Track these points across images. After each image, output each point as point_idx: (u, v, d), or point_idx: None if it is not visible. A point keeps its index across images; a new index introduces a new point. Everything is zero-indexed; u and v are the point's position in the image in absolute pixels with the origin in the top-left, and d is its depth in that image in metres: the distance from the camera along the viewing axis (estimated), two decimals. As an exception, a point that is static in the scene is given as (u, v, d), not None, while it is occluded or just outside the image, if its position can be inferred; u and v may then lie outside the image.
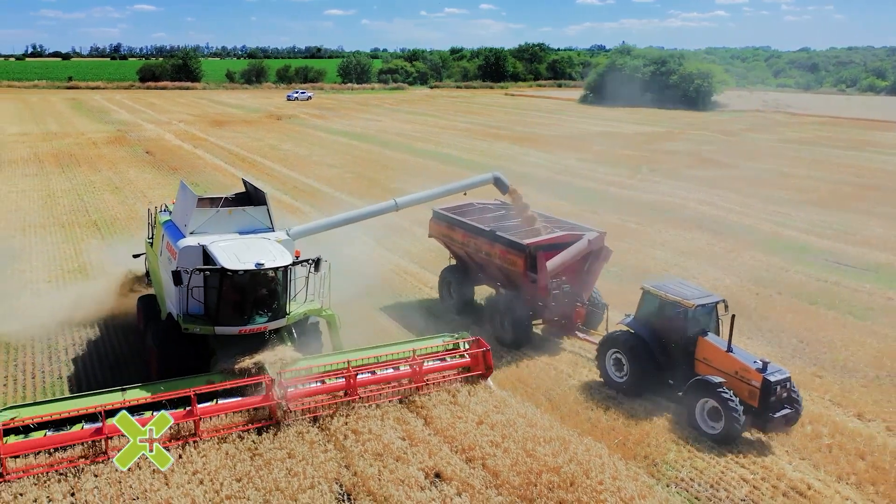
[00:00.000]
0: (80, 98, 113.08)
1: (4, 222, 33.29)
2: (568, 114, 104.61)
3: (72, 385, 17.79)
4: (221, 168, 50.01)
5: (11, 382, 17.86)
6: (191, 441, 13.98)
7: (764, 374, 15.10)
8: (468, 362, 17.55)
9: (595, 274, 21.17)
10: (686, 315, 16.43)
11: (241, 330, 15.89)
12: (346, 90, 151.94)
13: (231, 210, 17.71)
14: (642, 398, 17.27)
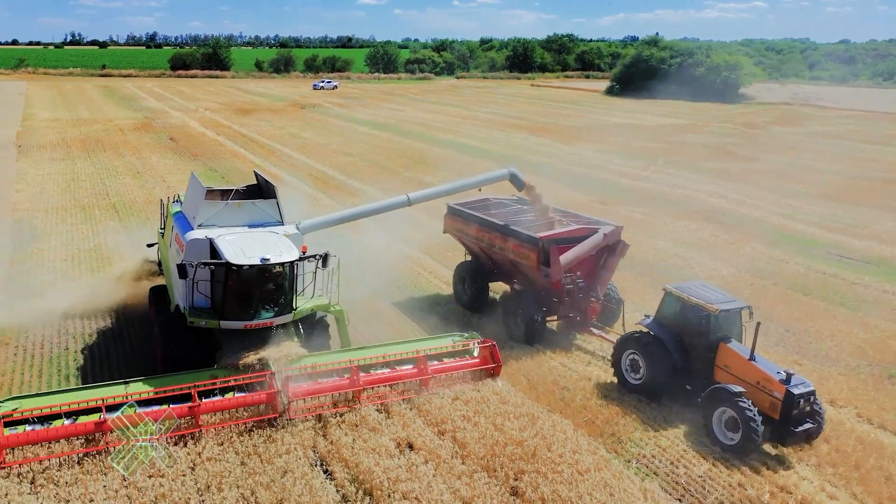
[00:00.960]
0: (113, 86, 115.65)
1: (29, 203, 34.69)
2: (591, 105, 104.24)
3: (81, 375, 17.59)
4: (240, 155, 51.18)
5: (20, 371, 17.76)
6: (191, 434, 13.99)
7: (787, 386, 14.40)
8: (477, 363, 17.28)
9: (611, 269, 20.71)
10: (709, 320, 15.75)
11: (246, 325, 15.72)
12: (373, 80, 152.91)
13: (240, 203, 17.58)
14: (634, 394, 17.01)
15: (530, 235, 20.03)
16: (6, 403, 13.58)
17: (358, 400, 15.49)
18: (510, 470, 13.48)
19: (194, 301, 15.74)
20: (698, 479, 14.05)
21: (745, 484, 13.92)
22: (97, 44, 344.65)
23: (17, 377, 17.30)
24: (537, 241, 19.60)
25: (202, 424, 14.16)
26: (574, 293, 20.07)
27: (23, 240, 28.47)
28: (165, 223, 20.36)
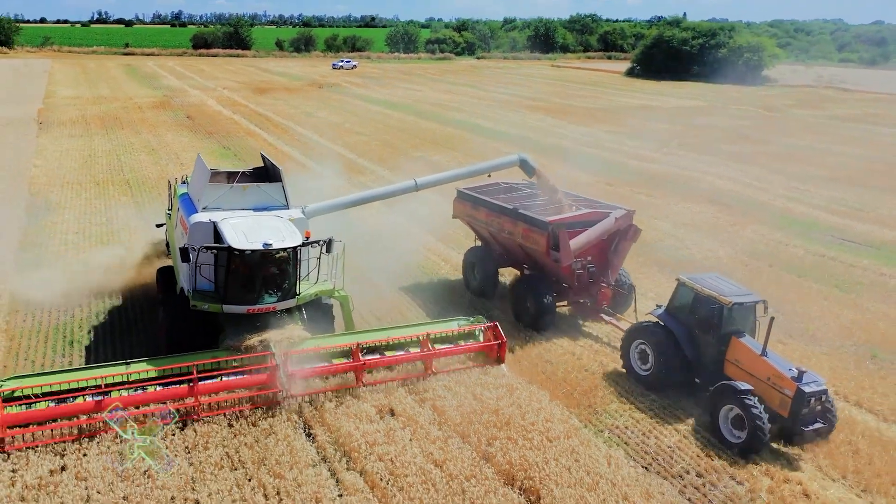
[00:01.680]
0: (135, 64, 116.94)
1: (46, 178, 35.70)
2: (611, 87, 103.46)
3: (87, 354, 17.73)
4: (255, 133, 51.89)
5: (24, 350, 17.85)
6: (191, 419, 14.05)
7: (798, 384, 13.97)
8: (481, 347, 17.23)
9: (622, 254, 20.40)
10: (721, 312, 15.36)
11: (249, 309, 15.61)
12: (393, 59, 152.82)
13: (246, 186, 17.38)
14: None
15: (540, 220, 19.79)
16: (8, 382, 13.76)
17: (359, 381, 15.51)
18: (483, 436, 14.05)
19: (198, 284, 15.70)
20: (667, 450, 14.52)
21: (711, 454, 14.37)
22: (123, 22, 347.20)
23: (25, 342, 18.10)
24: (547, 226, 19.36)
25: (201, 408, 14.18)
26: (584, 278, 19.81)
27: (37, 213, 29.44)
28: (172, 204, 20.43)
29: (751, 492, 13.18)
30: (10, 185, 33.20)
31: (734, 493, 13.25)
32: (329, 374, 15.58)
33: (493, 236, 21.96)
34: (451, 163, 43.05)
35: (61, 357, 17.42)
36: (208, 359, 14.95)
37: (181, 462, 12.95)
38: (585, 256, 19.75)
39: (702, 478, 13.65)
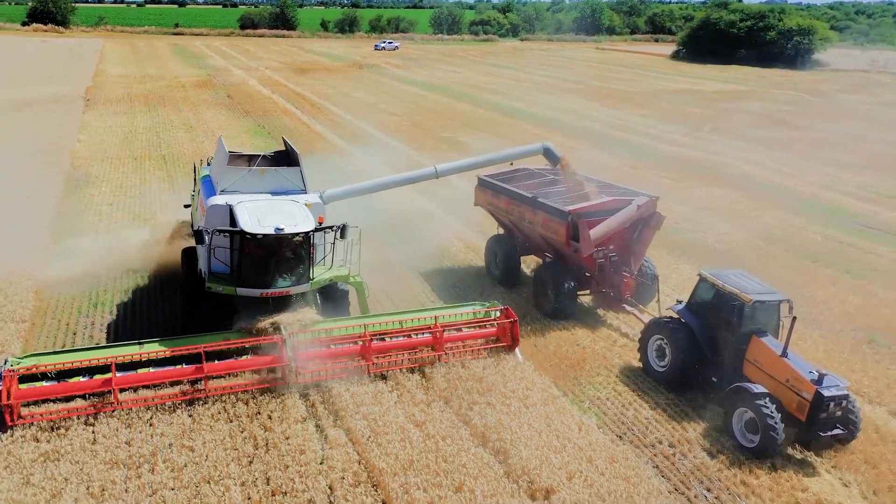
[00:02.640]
0: (183, 44, 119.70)
1: (88, 153, 37.43)
2: (653, 70, 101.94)
3: (108, 333, 18.04)
4: (290, 112, 53.12)
5: (48, 327, 18.23)
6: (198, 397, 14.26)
7: (817, 387, 13.46)
8: (495, 332, 16.98)
9: (645, 242, 19.84)
10: (742, 310, 14.86)
11: (262, 293, 15.61)
12: (436, 41, 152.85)
13: (264, 170, 17.53)
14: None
15: (559, 209, 19.33)
16: (25, 360, 14.09)
17: (369, 365, 15.47)
18: (465, 401, 14.77)
19: (213, 267, 15.87)
20: (644, 421, 15.03)
21: (687, 427, 14.84)
22: (176, 2, 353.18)
23: (52, 313, 19.30)
24: (566, 215, 18.91)
25: (210, 388, 14.37)
26: (606, 268, 19.33)
27: (76, 185, 31.06)
28: (196, 186, 20.75)
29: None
30: (54, 159, 34.94)
31: (703, 463, 13.71)
32: (337, 358, 15.50)
33: (515, 225, 21.62)
34: (479, 144, 43.56)
35: (85, 327, 18.52)
36: (219, 341, 14.99)
37: (181, 414, 13.98)
38: (607, 245, 19.23)
39: (673, 448, 14.15)
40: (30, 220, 25.56)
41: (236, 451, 13.04)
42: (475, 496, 11.77)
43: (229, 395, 14.58)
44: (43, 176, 31.75)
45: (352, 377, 15.35)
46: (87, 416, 13.59)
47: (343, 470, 12.61)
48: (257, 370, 15.06)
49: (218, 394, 14.37)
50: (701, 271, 16.28)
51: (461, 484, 12.08)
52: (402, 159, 38.72)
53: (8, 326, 17.29)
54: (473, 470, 12.49)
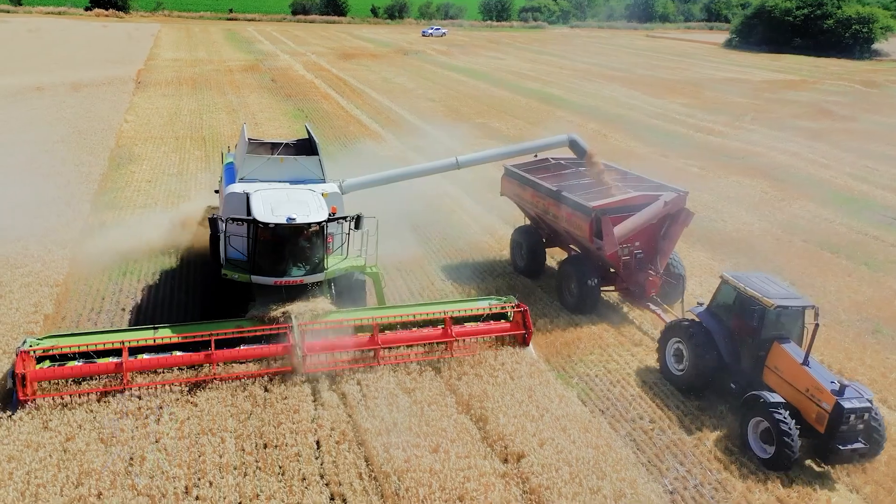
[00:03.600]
0: (235, 29, 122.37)
1: (133, 133, 39.22)
2: (702, 58, 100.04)
3: (133, 300, 18.84)
4: (330, 97, 54.30)
5: (79, 292, 19.22)
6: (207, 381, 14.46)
7: (837, 398, 12.85)
8: (508, 327, 16.66)
9: (673, 240, 19.11)
10: (763, 315, 14.26)
11: (276, 281, 15.68)
12: (484, 27, 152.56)
13: (283, 158, 17.66)
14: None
15: (583, 204, 18.75)
16: (44, 340, 14.56)
17: (377, 355, 15.40)
18: (455, 372, 15.48)
19: (229, 254, 16.07)
20: (629, 398, 15.53)
21: (670, 405, 15.27)
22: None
23: (81, 290, 20.60)
24: (590, 211, 18.34)
25: (217, 374, 14.58)
26: (631, 265, 18.76)
27: (120, 162, 32.73)
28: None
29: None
30: (101, 138, 36.75)
31: (680, 439, 14.16)
32: (345, 349, 15.43)
33: (540, 217, 21.21)
34: (512, 130, 44.04)
35: (113, 293, 19.85)
36: (231, 328, 15.17)
37: (188, 372, 15.03)
38: (633, 242, 18.64)
39: (654, 423, 14.61)
40: (73, 192, 27.20)
41: (236, 408, 14.02)
42: (449, 457, 12.49)
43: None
44: (90, 152, 33.52)
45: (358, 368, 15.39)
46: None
47: (331, 429, 13.48)
48: (266, 358, 15.09)
49: (225, 378, 14.54)
50: (723, 273, 15.61)
51: (438, 446, 12.81)
52: (433, 144, 39.45)
53: (42, 289, 18.67)
54: (452, 434, 13.21)
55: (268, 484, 11.98)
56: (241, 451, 12.80)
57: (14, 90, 48.95)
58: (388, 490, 11.87)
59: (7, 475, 11.78)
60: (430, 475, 12.03)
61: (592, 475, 12.21)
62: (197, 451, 12.70)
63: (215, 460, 12.44)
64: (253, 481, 12.06)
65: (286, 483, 12.03)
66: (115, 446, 12.65)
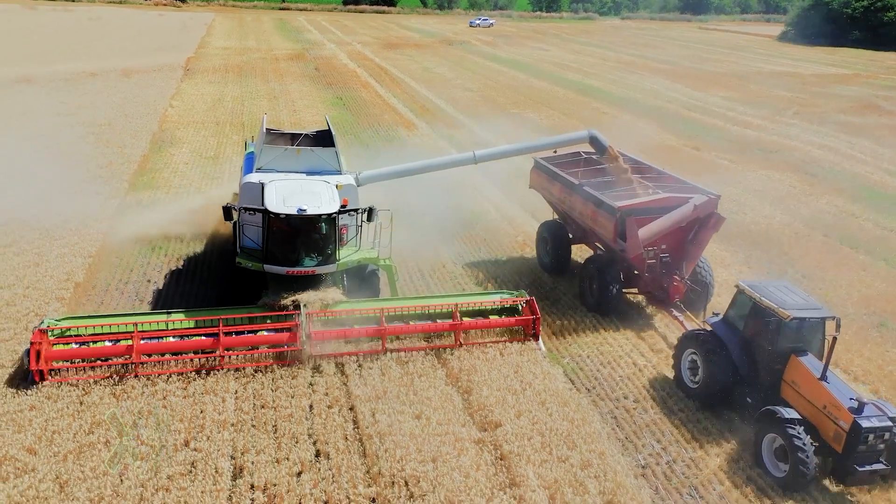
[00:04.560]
0: (286, 18, 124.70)
1: (177, 117, 40.89)
2: (753, 51, 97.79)
3: (159, 274, 19.64)
4: (369, 86, 55.34)
5: (109, 263, 20.40)
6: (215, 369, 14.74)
7: (855, 416, 12.19)
8: (516, 321, 16.64)
9: (701, 245, 18.32)
10: (779, 326, 13.60)
11: (288, 271, 15.93)
12: (533, 18, 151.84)
13: (300, 149, 17.88)
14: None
15: (608, 203, 18.24)
16: (63, 321, 15.09)
17: (383, 344, 15.62)
18: (449, 348, 16.13)
19: (244, 243, 16.40)
20: (617, 379, 16.02)
21: (657, 388, 15.68)
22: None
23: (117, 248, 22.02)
24: (615, 211, 17.85)
25: (225, 360, 14.88)
26: (656, 269, 18.01)
27: (161, 145, 34.31)
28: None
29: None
30: (145, 122, 38.49)
31: (660, 419, 14.60)
32: (351, 337, 15.68)
33: (567, 213, 20.86)
34: (545, 120, 44.31)
35: (141, 266, 21.16)
36: (240, 314, 15.57)
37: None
38: (659, 245, 17.96)
39: (637, 403, 15.08)
40: (114, 172, 28.80)
41: (240, 372, 15.00)
42: (430, 423, 13.23)
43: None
44: (133, 135, 35.23)
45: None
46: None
47: (325, 394, 14.36)
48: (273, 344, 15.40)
49: (233, 367, 14.86)
50: (739, 282, 15.01)
51: (421, 413, 13.57)
52: (464, 133, 40.12)
53: (76, 260, 20.06)
54: (436, 403, 13.94)
55: (260, 440, 12.93)
56: (238, 411, 13.77)
57: (70, 75, 51.37)
58: (370, 450, 12.68)
59: (28, 421, 13.00)
60: (409, 438, 12.80)
61: (563, 445, 12.80)
62: (199, 409, 13.71)
63: (214, 417, 13.43)
64: (247, 437, 13.02)
65: (276, 439, 12.96)
66: (126, 401, 13.75)
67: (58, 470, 11.83)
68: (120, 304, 18.50)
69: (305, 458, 12.47)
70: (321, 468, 12.26)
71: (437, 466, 12.09)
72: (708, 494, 12.67)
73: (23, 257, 20.17)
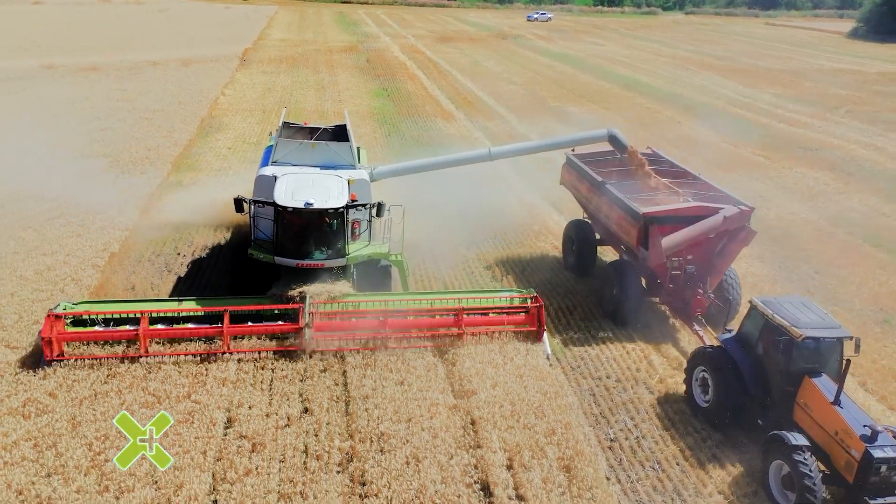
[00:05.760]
0: (346, 12, 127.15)
1: (228, 105, 42.79)
2: (819, 48, 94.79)
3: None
4: (416, 77, 56.44)
5: (144, 237, 21.52)
6: (218, 354, 15.06)
7: (867, 446, 11.51)
8: (521, 319, 16.49)
9: (729, 258, 17.39)
10: (790, 346, 12.91)
11: (298, 263, 16.17)
12: (594, 13, 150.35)
13: (314, 143, 18.17)
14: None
15: (633, 208, 17.56)
16: (80, 305, 15.75)
17: (385, 340, 15.63)
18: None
19: (257, 235, 16.76)
20: (605, 361, 16.64)
21: (641, 370, 16.21)
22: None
23: (153, 224, 23.60)
24: (639, 216, 17.17)
25: (230, 347, 15.20)
26: (679, 280, 17.20)
27: (208, 131, 36.19)
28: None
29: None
30: (196, 108, 40.55)
31: (639, 397, 15.16)
32: (352, 330, 15.78)
33: (594, 213, 20.34)
34: (585, 114, 44.55)
35: (174, 241, 22.57)
36: (248, 304, 15.95)
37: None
38: (684, 255, 17.13)
39: (620, 383, 15.65)
40: (160, 154, 30.72)
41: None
42: (411, 388, 14.17)
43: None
44: (183, 120, 37.26)
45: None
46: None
47: (320, 360, 15.43)
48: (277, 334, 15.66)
49: (237, 351, 15.21)
50: (752, 298, 14.34)
51: (404, 380, 14.51)
52: (501, 125, 40.84)
53: (114, 232, 21.81)
54: (420, 371, 14.87)
55: (254, 396, 14.10)
56: (239, 370, 14.96)
57: (133, 64, 54.25)
58: (353, 409, 13.70)
59: (52, 370, 14.47)
60: (388, 401, 13.78)
61: (531, 414, 13.54)
62: (204, 368, 14.96)
63: (217, 375, 14.66)
64: (243, 393, 14.21)
65: (269, 397, 14.11)
66: (139, 360, 15.10)
67: (73, 412, 13.25)
68: (149, 273, 19.99)
69: (293, 414, 13.58)
70: (304, 423, 13.35)
71: (410, 426, 13.03)
72: (670, 468, 13.21)
73: (68, 228, 22.05)
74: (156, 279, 19.63)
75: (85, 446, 12.37)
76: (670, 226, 16.87)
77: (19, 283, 18.40)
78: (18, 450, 12.28)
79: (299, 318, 15.43)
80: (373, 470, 12.02)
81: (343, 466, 12.32)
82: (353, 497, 11.63)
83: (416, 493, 11.53)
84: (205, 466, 12.06)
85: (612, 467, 13.06)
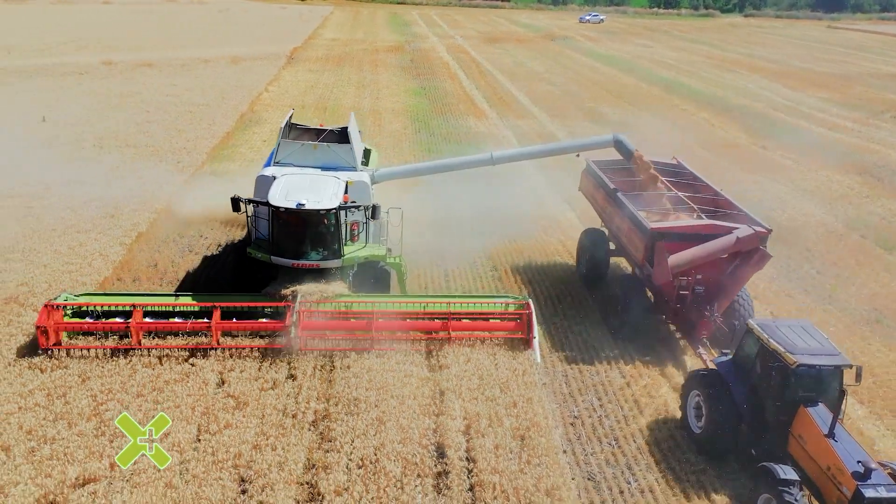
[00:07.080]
0: (400, 13, 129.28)
1: (270, 100, 44.74)
2: (878, 52, 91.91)
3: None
4: (455, 77, 57.57)
5: (170, 219, 22.87)
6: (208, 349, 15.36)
7: (859, 484, 10.88)
8: (511, 326, 16.31)
9: (740, 281, 16.53)
10: (785, 374, 12.30)
11: (293, 263, 16.27)
12: (649, 15, 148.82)
13: (316, 145, 18.21)
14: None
15: (643, 222, 17.03)
16: (81, 297, 16.21)
17: (371, 344, 15.66)
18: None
19: (257, 234, 16.96)
20: (591, 350, 17.27)
21: (622, 364, 16.87)
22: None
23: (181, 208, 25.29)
24: (647, 231, 16.63)
25: (219, 342, 15.49)
26: (687, 300, 16.48)
27: (247, 125, 38.06)
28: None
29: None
30: (238, 103, 42.57)
31: (610, 381, 15.85)
32: (338, 331, 15.91)
33: (608, 223, 19.85)
34: (617, 114, 44.85)
35: (200, 223, 24.05)
36: (240, 301, 16.16)
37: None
38: (693, 275, 16.38)
39: (599, 374, 16.33)
40: (197, 145, 32.64)
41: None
42: (389, 362, 15.21)
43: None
44: (224, 114, 39.27)
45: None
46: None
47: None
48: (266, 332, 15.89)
49: (225, 347, 15.49)
50: (749, 321, 13.79)
51: (384, 354, 15.55)
52: (531, 124, 41.58)
53: (144, 214, 23.65)
54: (404, 347, 15.84)
55: (246, 363, 15.34)
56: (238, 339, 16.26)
57: (186, 61, 56.96)
58: (334, 377, 14.83)
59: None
60: (366, 371, 14.88)
61: (496, 388, 14.41)
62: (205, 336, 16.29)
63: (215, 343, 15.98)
64: (237, 359, 15.45)
65: (257, 363, 15.34)
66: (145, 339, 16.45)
67: (82, 368, 14.75)
68: (172, 252, 21.55)
69: (278, 379, 14.78)
70: (287, 387, 14.54)
71: (380, 393, 14.07)
72: (626, 445, 13.90)
73: (103, 209, 23.95)
74: (177, 258, 21.18)
75: (90, 397, 13.82)
76: (679, 243, 16.21)
77: (53, 256, 20.25)
78: (33, 397, 13.82)
79: (286, 316, 15.61)
80: (339, 428, 13.12)
81: (315, 425, 13.45)
82: (318, 451, 12.74)
83: (374, 449, 12.57)
84: (192, 419, 13.35)
85: (566, 438, 13.82)
